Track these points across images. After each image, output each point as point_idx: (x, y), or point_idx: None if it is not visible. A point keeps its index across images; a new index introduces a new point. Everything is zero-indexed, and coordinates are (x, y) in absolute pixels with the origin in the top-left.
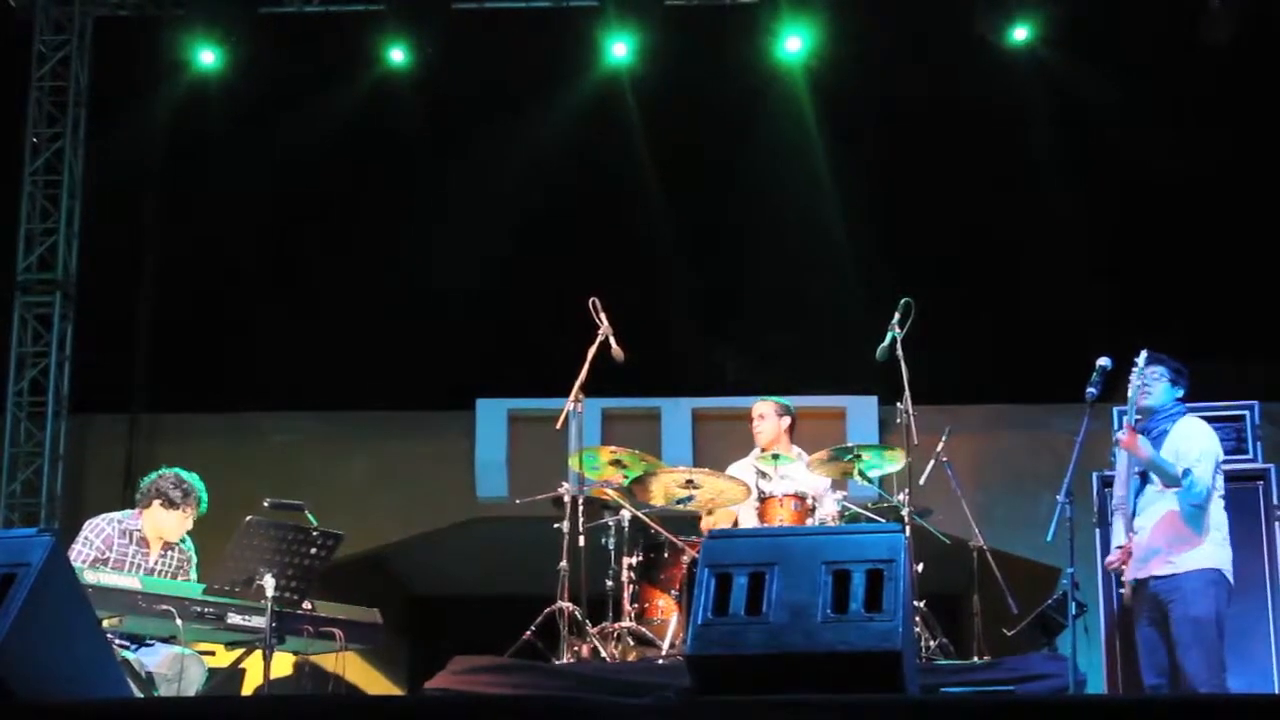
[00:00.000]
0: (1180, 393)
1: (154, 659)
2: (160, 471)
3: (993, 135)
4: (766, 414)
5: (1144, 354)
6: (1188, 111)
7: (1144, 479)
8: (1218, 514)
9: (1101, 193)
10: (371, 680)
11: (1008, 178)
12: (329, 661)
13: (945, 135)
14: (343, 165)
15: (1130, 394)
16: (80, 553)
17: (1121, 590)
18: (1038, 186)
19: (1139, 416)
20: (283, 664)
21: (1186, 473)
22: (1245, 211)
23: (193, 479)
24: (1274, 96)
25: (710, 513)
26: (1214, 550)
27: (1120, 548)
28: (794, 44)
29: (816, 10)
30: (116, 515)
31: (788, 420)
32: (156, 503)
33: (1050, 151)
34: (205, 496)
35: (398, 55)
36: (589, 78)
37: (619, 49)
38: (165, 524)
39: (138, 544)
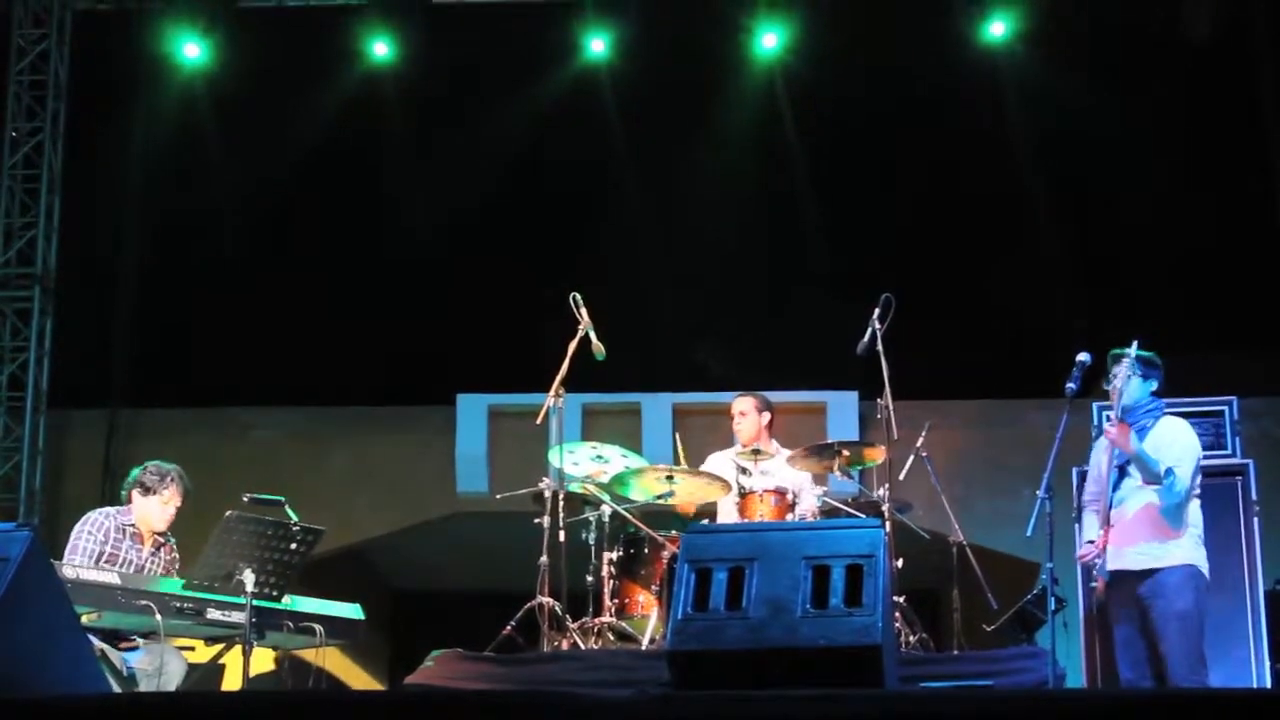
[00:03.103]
0: (1153, 385)
1: (133, 654)
2: (142, 466)
3: (971, 131)
4: (748, 411)
5: (1110, 353)
6: (1161, 107)
7: (1122, 472)
8: (1195, 512)
9: (1080, 188)
10: (352, 675)
11: (986, 173)
12: (309, 656)
13: (926, 131)
14: (323, 159)
15: (1116, 389)
16: (85, 548)
17: (1094, 584)
18: (1015, 182)
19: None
20: (263, 659)
21: (1169, 471)
22: (1223, 206)
23: (173, 467)
24: (1249, 91)
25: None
26: (1192, 547)
27: (1091, 542)
28: (770, 40)
29: (793, 7)
30: (111, 510)
31: (768, 416)
32: (135, 492)
33: (1028, 147)
34: (187, 481)
35: (381, 49)
36: (567, 72)
37: (597, 45)
38: (146, 512)
39: (132, 539)
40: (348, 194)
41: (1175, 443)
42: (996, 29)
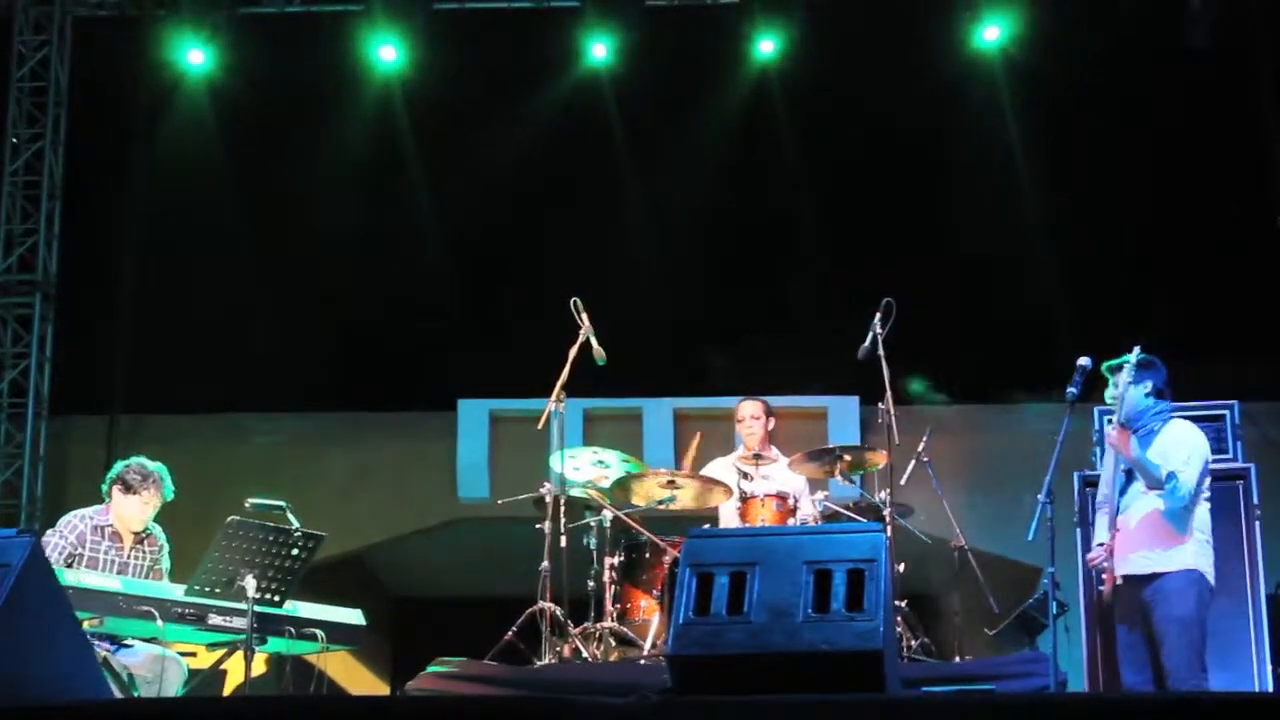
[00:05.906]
0: (1147, 386)
1: (134, 660)
2: (126, 462)
3: (971, 134)
4: (759, 415)
5: (1105, 366)
6: (1161, 110)
7: (1129, 476)
8: (1202, 516)
9: (1080, 192)
10: (353, 680)
11: (985, 176)
12: (311, 662)
13: (925, 135)
14: (325, 164)
15: (1109, 394)
16: (55, 545)
17: (1101, 588)
18: (1015, 186)
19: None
20: (258, 664)
21: (1171, 476)
22: (1223, 210)
23: (157, 467)
24: (1249, 95)
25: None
26: (1196, 551)
27: (1101, 544)
28: (767, 46)
29: (791, 12)
30: (88, 511)
31: (772, 421)
32: (116, 489)
33: (1025, 153)
34: (170, 483)
35: (389, 53)
36: (569, 78)
37: (598, 50)
38: (126, 511)
39: (110, 539)
40: (349, 198)
41: (1182, 445)
42: (990, 33)
